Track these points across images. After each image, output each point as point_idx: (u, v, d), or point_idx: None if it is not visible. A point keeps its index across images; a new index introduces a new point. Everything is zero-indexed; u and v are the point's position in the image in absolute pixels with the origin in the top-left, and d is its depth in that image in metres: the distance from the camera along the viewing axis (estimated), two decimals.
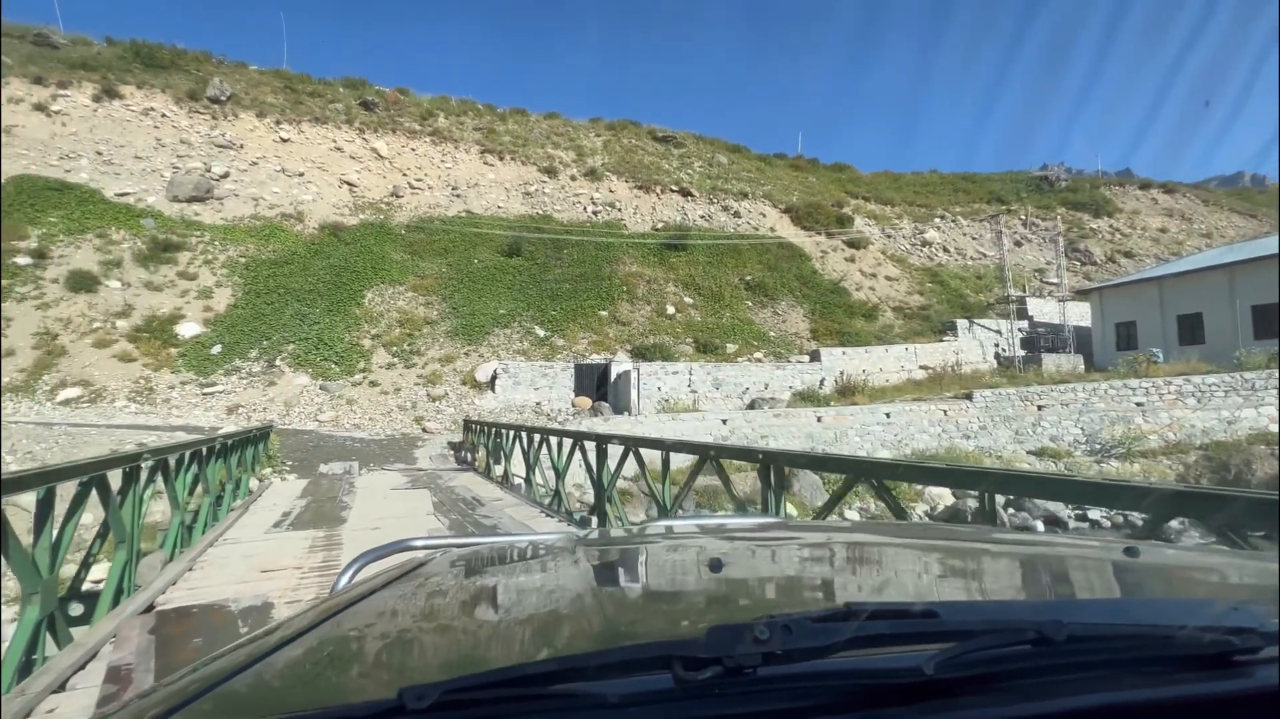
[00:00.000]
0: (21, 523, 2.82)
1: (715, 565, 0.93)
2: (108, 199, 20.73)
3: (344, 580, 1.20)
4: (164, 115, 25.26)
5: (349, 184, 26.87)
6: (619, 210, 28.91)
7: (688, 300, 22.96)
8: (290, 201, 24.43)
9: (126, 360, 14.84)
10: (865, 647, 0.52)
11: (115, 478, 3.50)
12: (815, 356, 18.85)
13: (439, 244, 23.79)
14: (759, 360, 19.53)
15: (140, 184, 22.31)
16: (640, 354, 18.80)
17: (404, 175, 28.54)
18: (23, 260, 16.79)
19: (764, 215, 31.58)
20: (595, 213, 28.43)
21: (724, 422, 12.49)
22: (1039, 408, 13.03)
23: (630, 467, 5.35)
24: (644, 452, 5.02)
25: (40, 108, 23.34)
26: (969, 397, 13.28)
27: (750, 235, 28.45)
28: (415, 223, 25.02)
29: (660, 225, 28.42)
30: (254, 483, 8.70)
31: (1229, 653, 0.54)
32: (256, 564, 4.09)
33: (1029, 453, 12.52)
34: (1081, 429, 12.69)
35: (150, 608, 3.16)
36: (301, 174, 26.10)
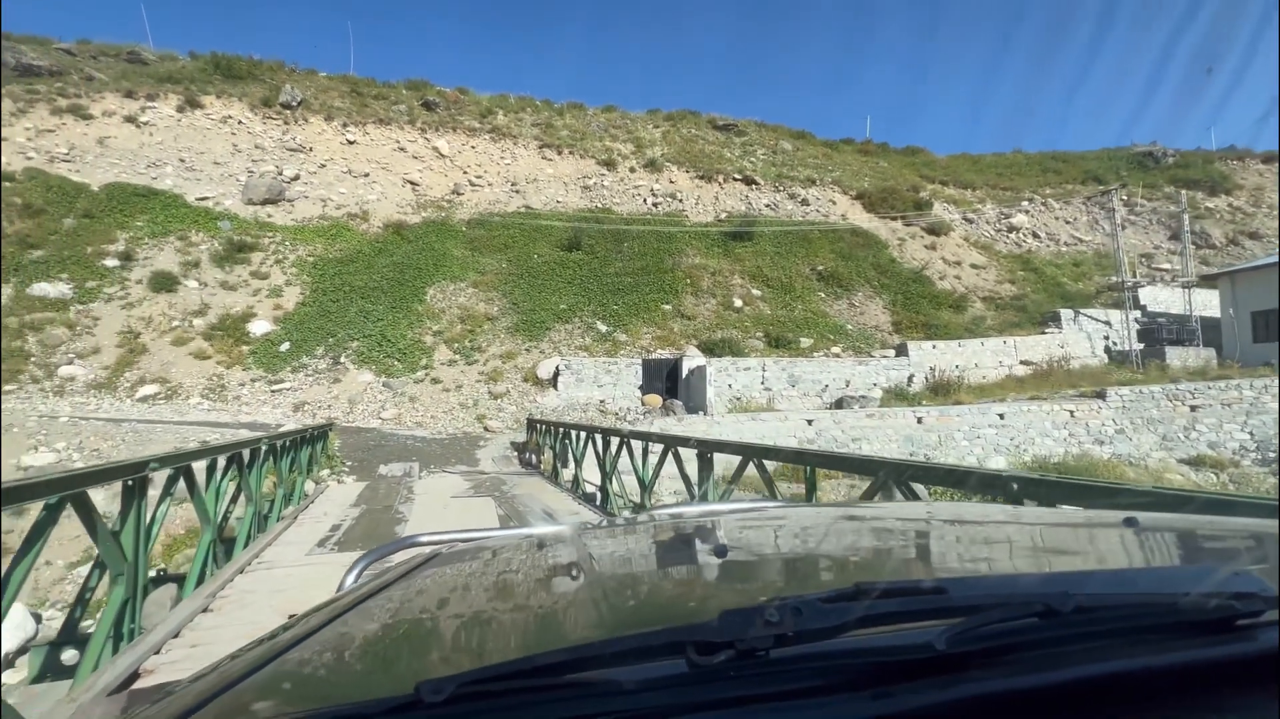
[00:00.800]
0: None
1: (721, 551, 0.95)
2: (189, 203, 21.48)
3: (350, 579, 1.20)
4: (240, 122, 26.16)
5: (411, 183, 27.06)
6: (680, 201, 27.86)
7: (756, 293, 21.66)
8: (356, 201, 24.75)
9: (201, 358, 15.06)
10: (875, 625, 0.52)
11: (101, 497, 2.77)
12: (902, 351, 17.17)
13: (499, 240, 23.49)
14: (837, 355, 18.02)
15: (218, 188, 23.08)
16: (708, 349, 17.70)
17: (464, 173, 28.53)
18: (110, 263, 17.42)
19: (833, 202, 29.74)
20: (655, 204, 27.50)
21: (809, 422, 11.25)
22: (1191, 408, 11.02)
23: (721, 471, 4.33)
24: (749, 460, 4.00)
25: (130, 119, 24.57)
26: (1100, 395, 11.42)
27: (820, 223, 26.76)
28: (476, 219, 24.83)
29: (724, 215, 27.18)
30: (310, 486, 8.22)
31: (1232, 617, 0.55)
32: (283, 604, 3.35)
33: (1180, 462, 10.59)
34: (1250, 434, 10.62)
35: (132, 678, 2.42)
36: (366, 174, 26.46)
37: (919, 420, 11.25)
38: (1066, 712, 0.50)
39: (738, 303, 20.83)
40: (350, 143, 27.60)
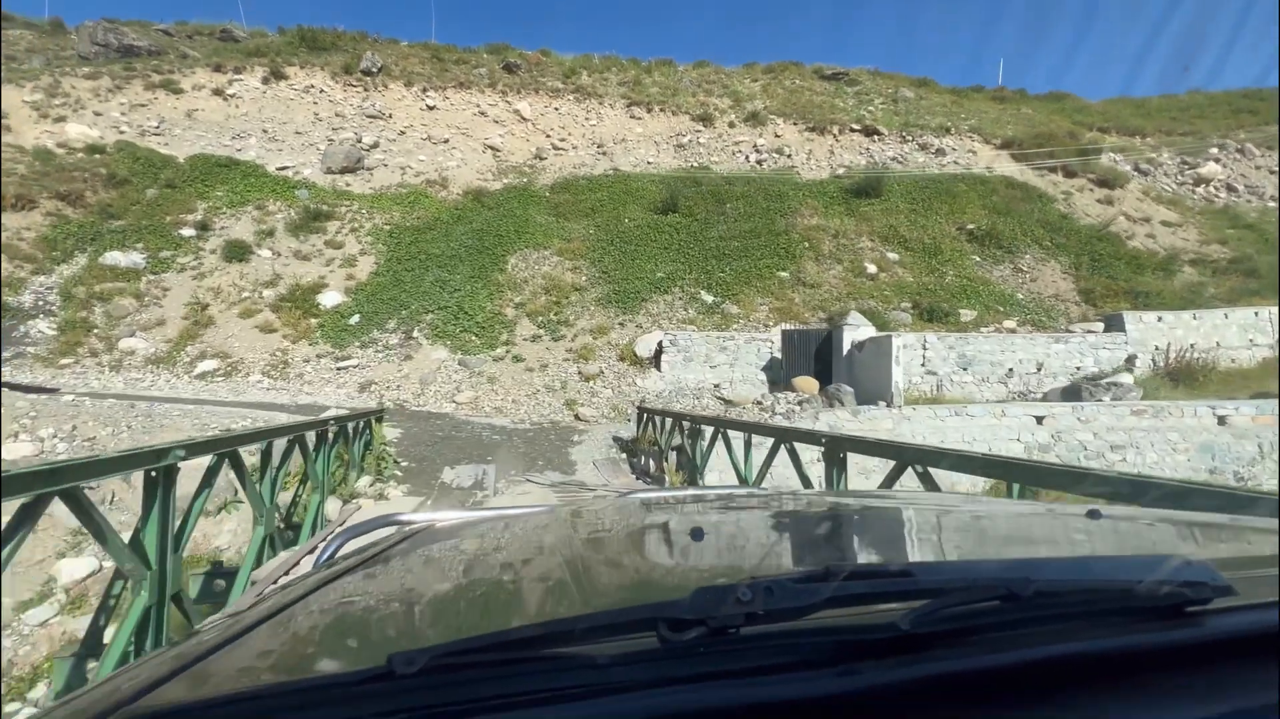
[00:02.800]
0: None
1: (697, 534, 0.96)
2: (269, 173, 20.52)
3: (326, 554, 1.19)
4: (321, 90, 25.21)
5: (492, 148, 25.13)
6: (788, 156, 24.19)
7: (892, 256, 17.85)
8: (435, 168, 23.10)
9: (267, 331, 13.58)
10: (844, 606, 0.53)
11: None
12: (1114, 324, 12.97)
13: (585, 204, 20.99)
14: (1012, 330, 14.05)
15: (299, 158, 22.08)
16: (832, 320, 14.32)
17: (547, 136, 26.28)
18: (187, 232, 16.46)
19: (973, 153, 24.93)
20: (759, 161, 24.01)
21: (1038, 420, 7.82)
22: None
23: None
24: None
25: (218, 92, 24.12)
26: None
27: (965, 174, 22.26)
28: (560, 183, 22.47)
29: (841, 170, 23.25)
30: (334, 507, 5.85)
31: (1182, 604, 0.57)
32: None
33: None
34: None
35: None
36: (446, 140, 24.79)
37: (1219, 421, 7.50)
38: (1025, 691, 0.51)
39: (871, 268, 17.15)
40: (430, 108, 26.05)
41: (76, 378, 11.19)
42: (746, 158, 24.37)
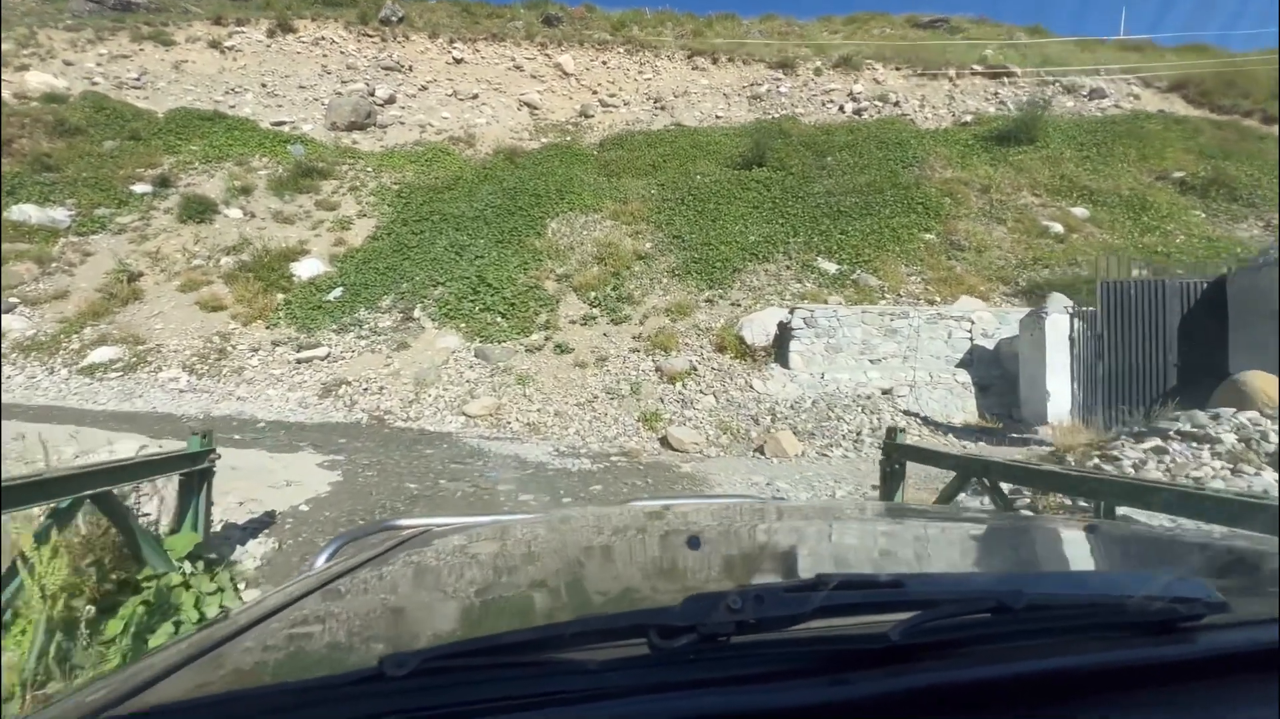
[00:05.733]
0: None
1: (693, 542, 0.91)
2: (260, 128, 16.83)
3: (321, 560, 1.17)
4: (333, 42, 21.58)
5: (529, 105, 21.04)
6: (896, 104, 19.28)
7: (1078, 212, 12.81)
8: (461, 125, 19.11)
9: (211, 309, 9.58)
10: (834, 616, 0.53)
11: None
12: None
13: (643, 160, 16.64)
14: None
15: (300, 113, 18.40)
16: (1032, 294, 9.53)
17: (593, 93, 22.05)
18: (141, 189, 12.71)
19: (1136, 97, 19.53)
20: (858, 111, 19.18)
21: None
22: None
23: None
24: None
25: (214, 45, 20.78)
26: None
27: (1154, 115, 16.98)
28: (611, 139, 18.17)
29: (969, 117, 18.22)
30: None
31: (1174, 620, 0.56)
32: None
33: None
34: None
35: None
36: (475, 96, 20.82)
37: None
38: (1015, 704, 0.50)
39: (1055, 227, 12.15)
40: (457, 61, 22.15)
41: None
42: (841, 107, 19.58)
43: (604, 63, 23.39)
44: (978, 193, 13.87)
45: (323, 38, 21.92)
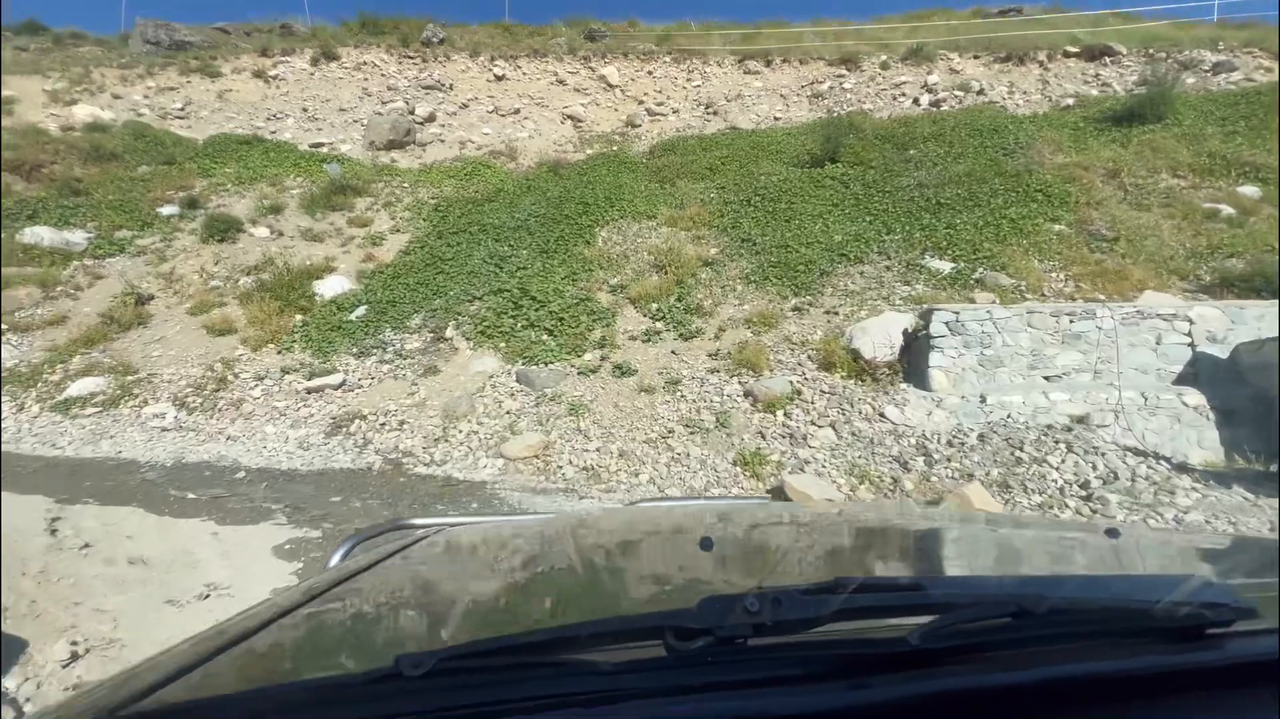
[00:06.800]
0: None
1: (706, 544, 0.90)
2: (297, 150, 16.18)
3: (335, 559, 1.15)
4: (374, 66, 21.16)
5: (573, 118, 19.97)
6: (980, 93, 17.20)
7: (1248, 191, 10.43)
8: (503, 140, 18.12)
9: (219, 333, 8.35)
10: (853, 619, 0.52)
11: None
12: None
13: (698, 164, 15.15)
14: None
15: (339, 134, 17.79)
16: (1227, 287, 7.25)
17: (639, 102, 20.83)
18: (168, 210, 11.88)
19: (1268, 69, 16.84)
20: (936, 102, 17.18)
21: None
22: None
23: None
24: None
25: (258, 74, 20.62)
26: None
27: None
28: (661, 145, 16.79)
29: (1069, 101, 15.96)
30: None
31: (1202, 626, 0.54)
32: None
33: None
34: None
35: None
36: (517, 111, 19.90)
37: None
38: (1037, 710, 0.49)
39: (1224, 209, 9.83)
40: (498, 78, 21.38)
41: None
42: (915, 100, 17.66)
43: (649, 72, 22.23)
44: (1104, 177, 11.66)
45: (365, 62, 21.58)
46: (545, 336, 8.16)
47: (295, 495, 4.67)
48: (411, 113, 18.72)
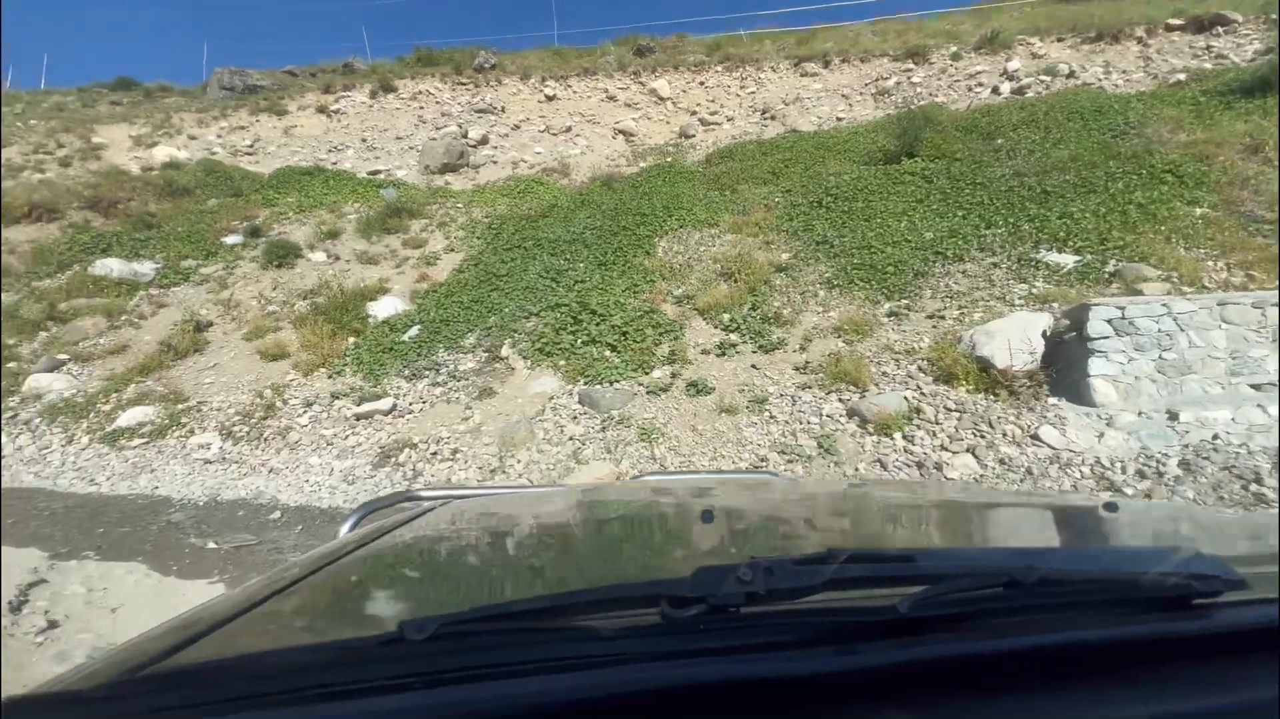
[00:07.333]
0: None
1: (707, 516, 0.91)
2: (355, 177, 16.38)
3: (345, 529, 1.18)
4: (429, 94, 21.51)
5: (624, 133, 19.55)
6: (1069, 76, 15.63)
7: None
8: (555, 157, 17.84)
9: (272, 358, 8.04)
10: (844, 589, 0.53)
11: None
12: None
13: (759, 169, 14.31)
14: None
15: (396, 161, 17.97)
16: None
17: (692, 113, 20.23)
18: (232, 240, 11.98)
19: None
20: (1019, 89, 15.70)
21: None
22: None
23: None
24: None
25: (321, 109, 21.29)
26: None
27: None
28: (718, 153, 16.04)
29: (1179, 76, 14.21)
30: None
31: (1190, 596, 0.55)
32: None
33: None
34: None
35: None
36: (568, 129, 19.67)
37: None
38: (1025, 677, 0.49)
39: None
40: (549, 98, 21.31)
41: None
42: (994, 89, 16.24)
43: (701, 83, 21.66)
44: (1243, 154, 10.03)
45: (420, 91, 22.00)
46: (608, 353, 7.39)
47: None
48: (465, 136, 18.77)
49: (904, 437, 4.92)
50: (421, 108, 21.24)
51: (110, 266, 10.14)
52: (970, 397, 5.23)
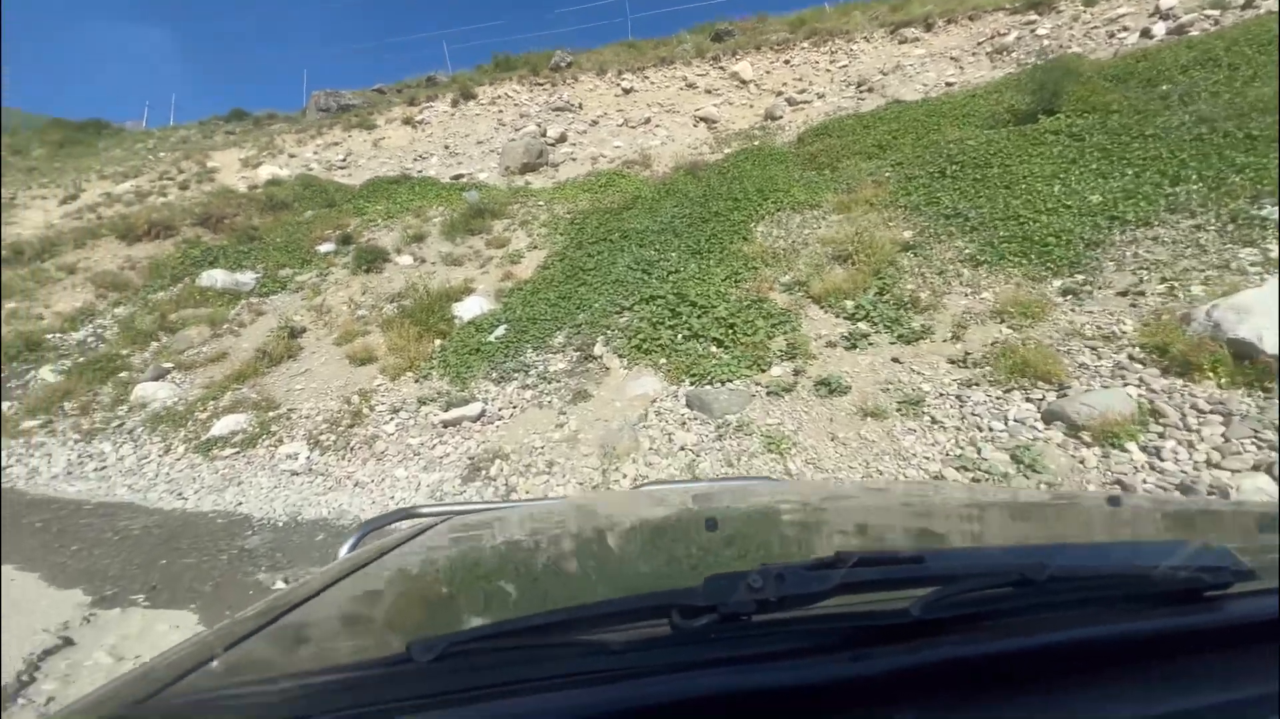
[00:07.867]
0: None
1: (711, 524, 0.90)
2: (439, 182, 16.47)
3: (345, 549, 1.17)
4: (508, 97, 21.53)
5: (706, 120, 18.59)
6: (1242, 8, 13.04)
7: None
8: (635, 149, 17.17)
9: (360, 363, 7.76)
10: (855, 593, 0.52)
11: None
12: None
13: (860, 144, 12.94)
14: None
15: (477, 164, 17.98)
16: None
17: (778, 94, 18.95)
18: (325, 248, 12.15)
19: None
20: (1178, 29, 13.30)
21: None
22: None
23: None
24: None
25: (407, 121, 21.84)
26: None
27: None
28: (811, 131, 14.74)
29: None
30: None
31: (1200, 588, 0.55)
32: None
33: None
34: None
35: None
36: (647, 120, 18.96)
37: None
38: (1039, 675, 0.49)
39: None
40: (626, 92, 20.72)
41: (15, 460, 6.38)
42: (1145, 32, 13.88)
43: (786, 61, 20.30)
44: None
45: (499, 95, 22.09)
46: (715, 348, 6.47)
47: None
48: (543, 135, 18.51)
49: (1141, 448, 3.66)
50: (500, 111, 21.28)
51: (215, 278, 10.47)
52: (1228, 393, 3.86)
